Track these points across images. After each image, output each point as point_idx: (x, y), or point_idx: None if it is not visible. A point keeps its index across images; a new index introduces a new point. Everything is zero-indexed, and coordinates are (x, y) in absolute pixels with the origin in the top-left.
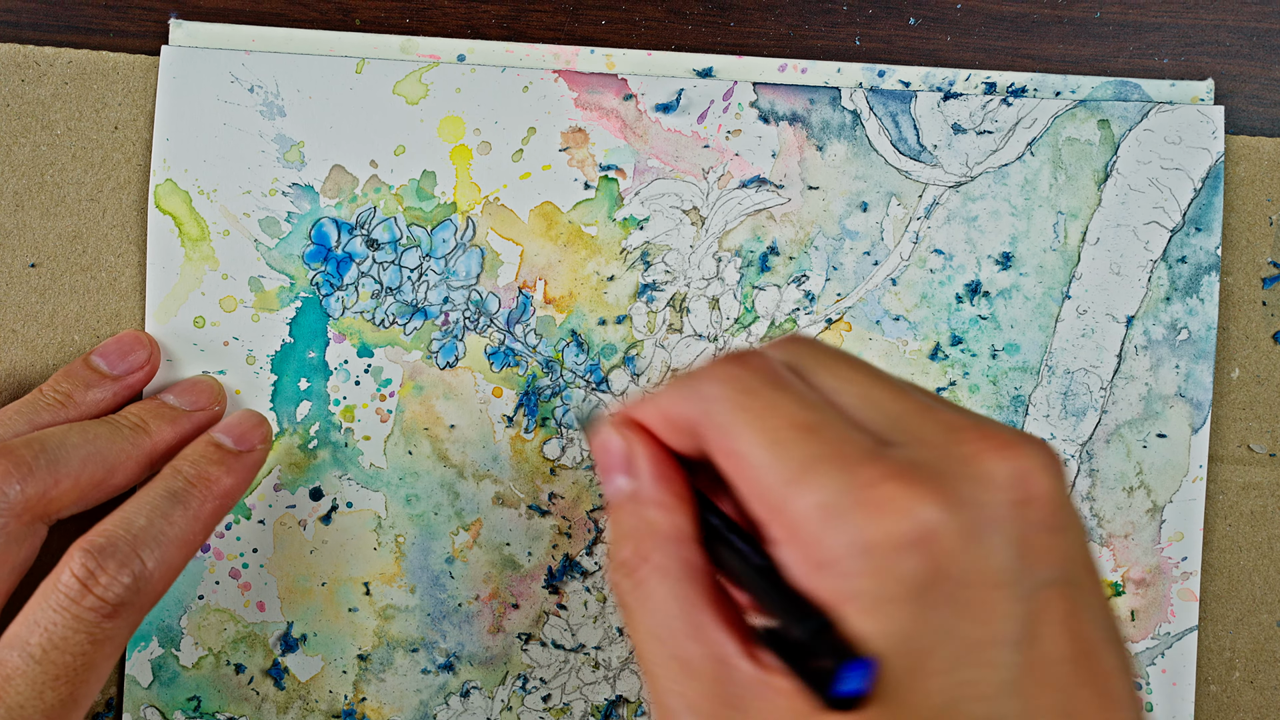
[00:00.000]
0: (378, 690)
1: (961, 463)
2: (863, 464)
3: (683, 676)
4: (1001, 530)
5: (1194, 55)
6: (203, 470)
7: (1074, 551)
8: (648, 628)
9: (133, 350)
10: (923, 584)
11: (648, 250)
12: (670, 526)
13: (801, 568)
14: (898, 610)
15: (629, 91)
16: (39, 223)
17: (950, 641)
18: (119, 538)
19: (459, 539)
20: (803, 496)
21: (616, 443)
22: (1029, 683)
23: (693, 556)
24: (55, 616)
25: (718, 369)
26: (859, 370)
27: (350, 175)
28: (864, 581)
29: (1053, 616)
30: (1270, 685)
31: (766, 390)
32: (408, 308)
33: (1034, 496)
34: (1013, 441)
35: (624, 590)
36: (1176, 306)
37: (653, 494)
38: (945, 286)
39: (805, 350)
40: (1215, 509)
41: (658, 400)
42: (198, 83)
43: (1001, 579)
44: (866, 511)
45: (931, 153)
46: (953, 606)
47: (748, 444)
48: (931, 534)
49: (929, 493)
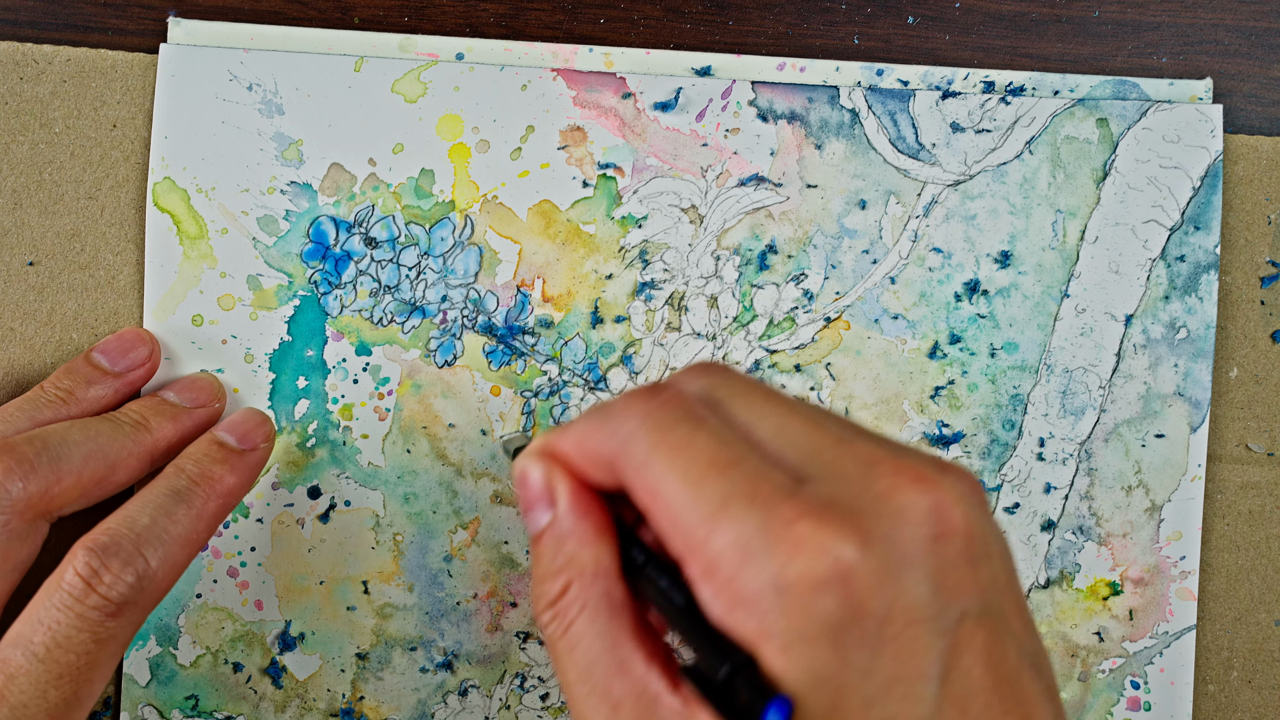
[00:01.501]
0: (376, 689)
1: (877, 499)
2: (779, 502)
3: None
4: (918, 566)
5: (1192, 54)
6: (206, 469)
7: (994, 581)
8: (572, 665)
9: (134, 347)
10: (840, 622)
11: (646, 249)
12: (591, 561)
13: (719, 605)
14: (815, 649)
15: (627, 90)
16: (37, 221)
17: (869, 679)
18: (123, 536)
19: (457, 537)
20: (719, 535)
21: (536, 475)
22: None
23: (615, 591)
24: (59, 615)
25: (632, 404)
26: (774, 402)
27: (348, 173)
28: (781, 620)
29: (972, 648)
30: (1268, 685)
31: (681, 426)
32: (406, 306)
33: (951, 530)
34: (928, 475)
35: (549, 627)
36: (1175, 305)
37: (573, 528)
38: (944, 285)
39: (720, 381)
40: (1214, 508)
41: (575, 431)
42: (196, 81)
43: (919, 615)
44: (783, 550)
45: (930, 151)
46: (871, 644)
47: (664, 481)
48: (848, 572)
49: (845, 531)
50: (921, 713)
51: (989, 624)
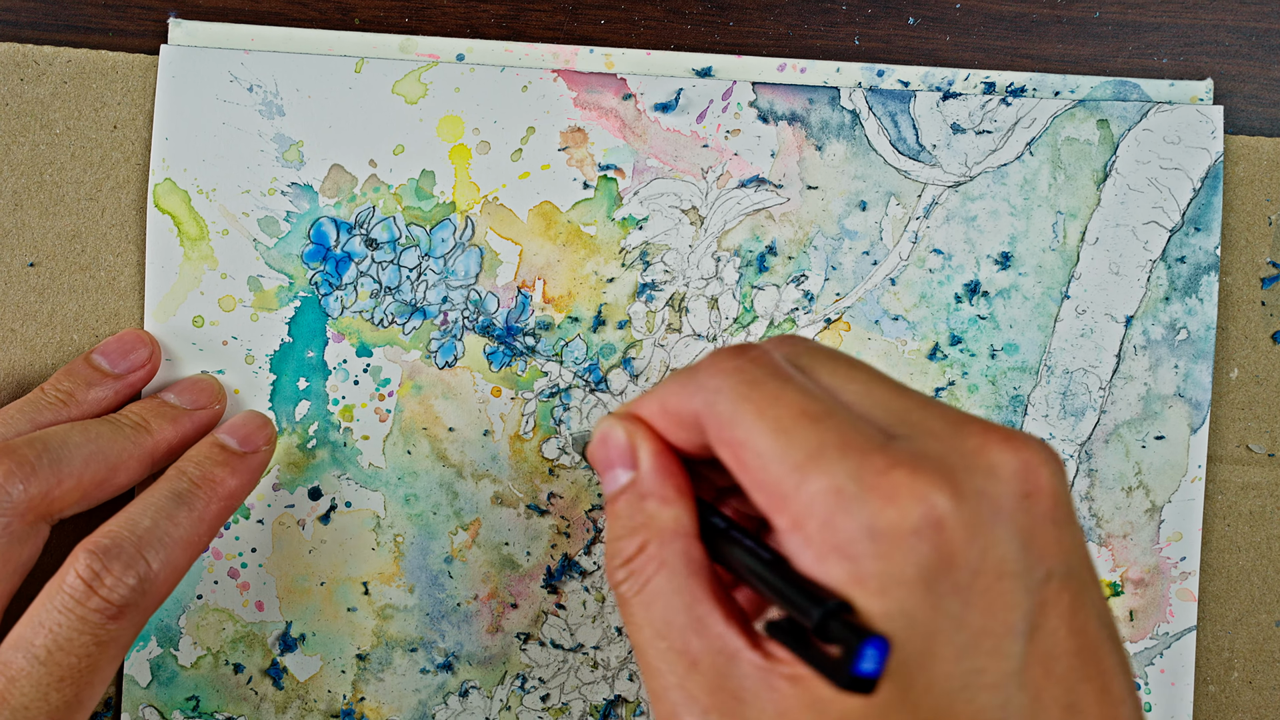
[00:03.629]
0: (376, 690)
1: (968, 455)
2: (872, 452)
3: (685, 671)
4: (1008, 522)
5: (1193, 55)
6: (207, 471)
7: (1076, 546)
8: (648, 622)
9: (134, 349)
10: (933, 570)
11: (647, 250)
12: (672, 520)
13: (809, 554)
14: (909, 594)
15: (628, 91)
16: (38, 222)
17: (959, 629)
18: (124, 539)
19: (458, 539)
20: (812, 482)
21: (618, 435)
22: (1035, 674)
23: (694, 551)
24: (60, 618)
25: (720, 361)
26: (858, 368)
27: (349, 175)
28: (876, 564)
29: (1057, 610)
30: (1269, 685)
31: (770, 381)
32: (406, 307)
33: (1039, 489)
34: (1016, 436)
35: (623, 585)
36: (1175, 306)
37: (654, 487)
38: (944, 286)
39: (804, 348)
40: (1214, 509)
41: (658, 394)
42: (197, 82)
43: (1008, 569)
44: (877, 497)
45: (930, 152)
46: (961, 594)
47: (753, 433)
48: (941, 522)
49: (939, 482)
50: (1009, 668)
51: (1073, 587)
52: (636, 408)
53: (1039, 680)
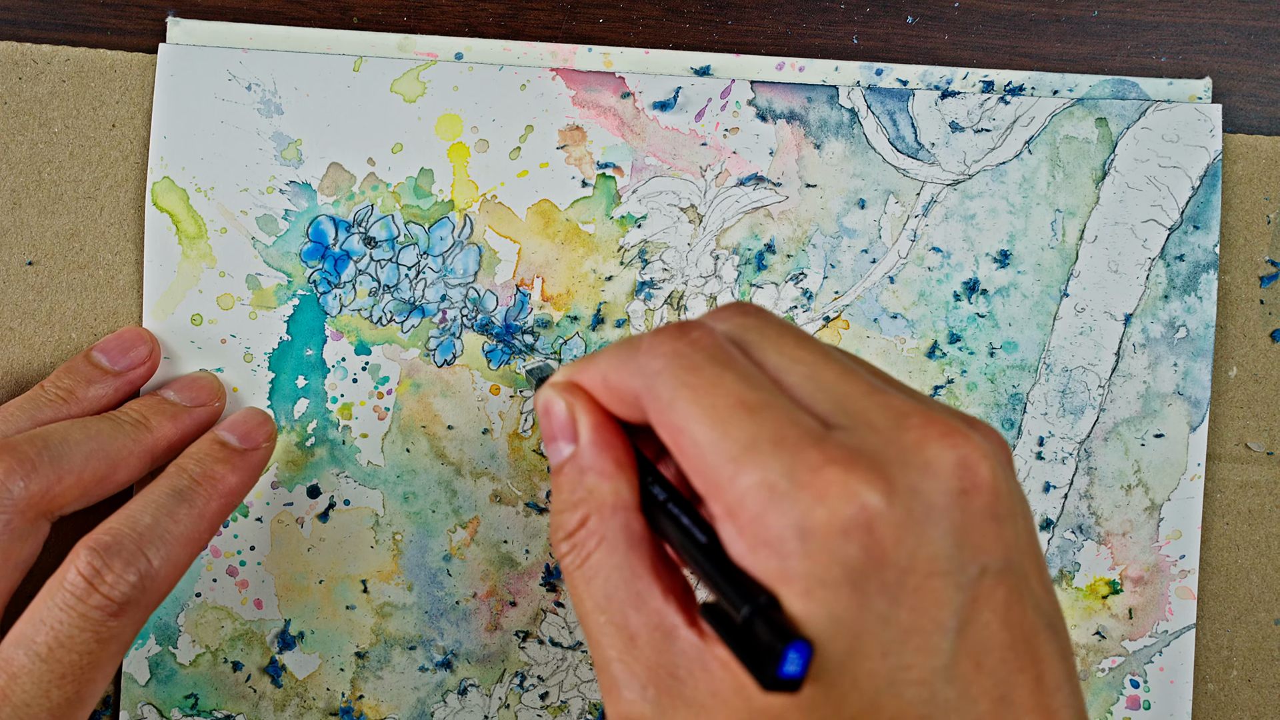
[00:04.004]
0: (375, 688)
1: (905, 450)
2: (806, 447)
3: (625, 646)
4: (942, 519)
5: (1192, 54)
6: (208, 468)
7: (1016, 539)
8: (589, 595)
9: (134, 346)
10: (862, 570)
11: (645, 248)
12: (612, 494)
13: (741, 545)
14: (836, 594)
15: (627, 89)
16: (36, 220)
17: (887, 627)
18: (125, 536)
19: (456, 536)
20: (745, 476)
21: (559, 407)
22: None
23: (634, 524)
24: (61, 615)
25: (660, 342)
26: (806, 348)
27: (348, 173)
28: (803, 564)
29: (991, 604)
30: (1268, 684)
31: (709, 367)
32: (405, 305)
33: (977, 485)
34: (957, 429)
35: (566, 558)
36: (1175, 304)
37: (594, 461)
38: (943, 284)
39: (752, 323)
40: (1213, 507)
41: (600, 365)
42: (195, 81)
43: (940, 567)
44: (808, 495)
45: (929, 151)
46: (891, 593)
47: (690, 421)
48: (872, 521)
49: (871, 479)
50: (937, 664)
51: (1009, 581)
52: (578, 374)
53: (969, 674)
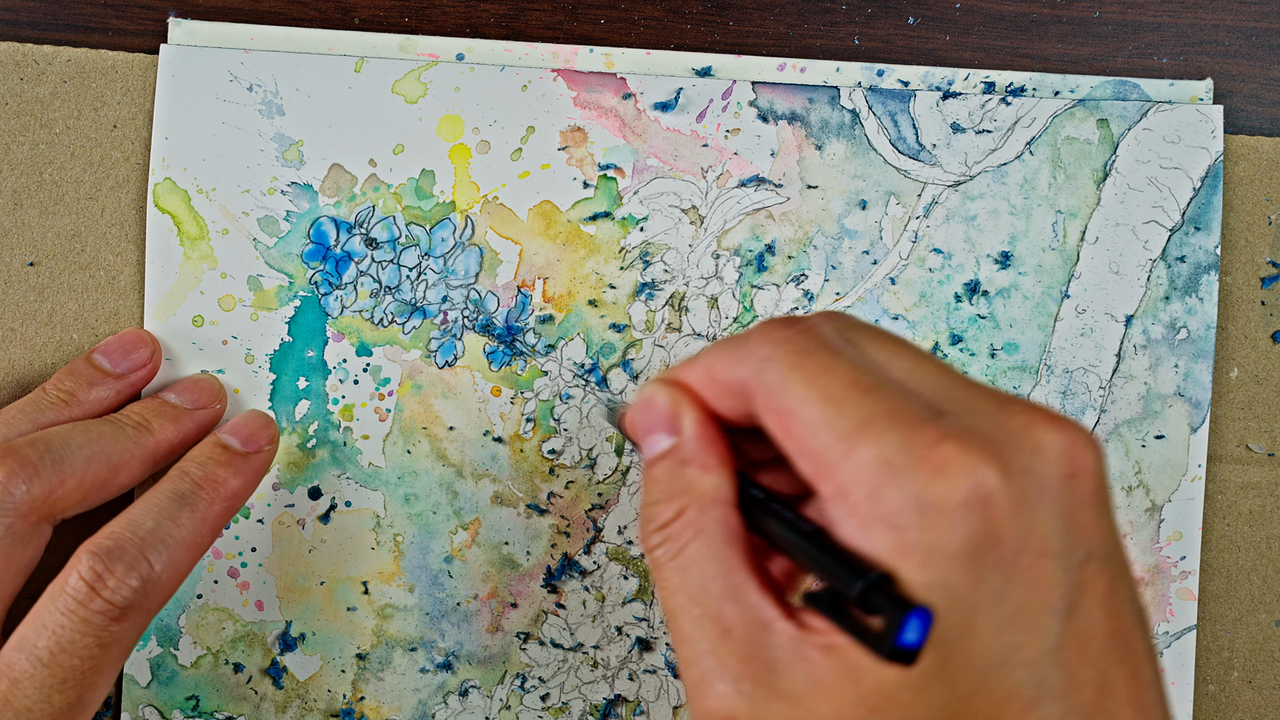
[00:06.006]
0: (376, 689)
1: (1015, 433)
2: (922, 425)
3: (718, 638)
4: (1052, 501)
5: (1193, 55)
6: (210, 472)
7: (1114, 531)
8: (683, 588)
9: (135, 348)
10: (978, 545)
11: (647, 249)
12: (711, 487)
13: (852, 523)
14: (953, 567)
15: (628, 90)
16: (38, 221)
17: (1000, 604)
18: (126, 540)
19: (458, 538)
20: (860, 452)
21: (662, 400)
22: (1071, 653)
23: (732, 520)
24: (63, 620)
25: (770, 331)
26: (905, 346)
27: (349, 174)
28: (922, 536)
29: (1094, 591)
30: (1269, 685)
31: (820, 352)
32: (406, 307)
33: (1083, 471)
34: (1060, 418)
35: (658, 550)
36: (1175, 306)
37: (695, 453)
38: (944, 286)
39: (850, 323)
40: (1214, 508)
41: (705, 361)
42: (196, 81)
43: (1051, 548)
44: (926, 469)
45: (930, 152)
46: (1004, 570)
47: (802, 402)
48: (988, 497)
49: (987, 457)
50: (1046, 645)
51: (1110, 570)
52: (681, 374)
53: (1074, 659)
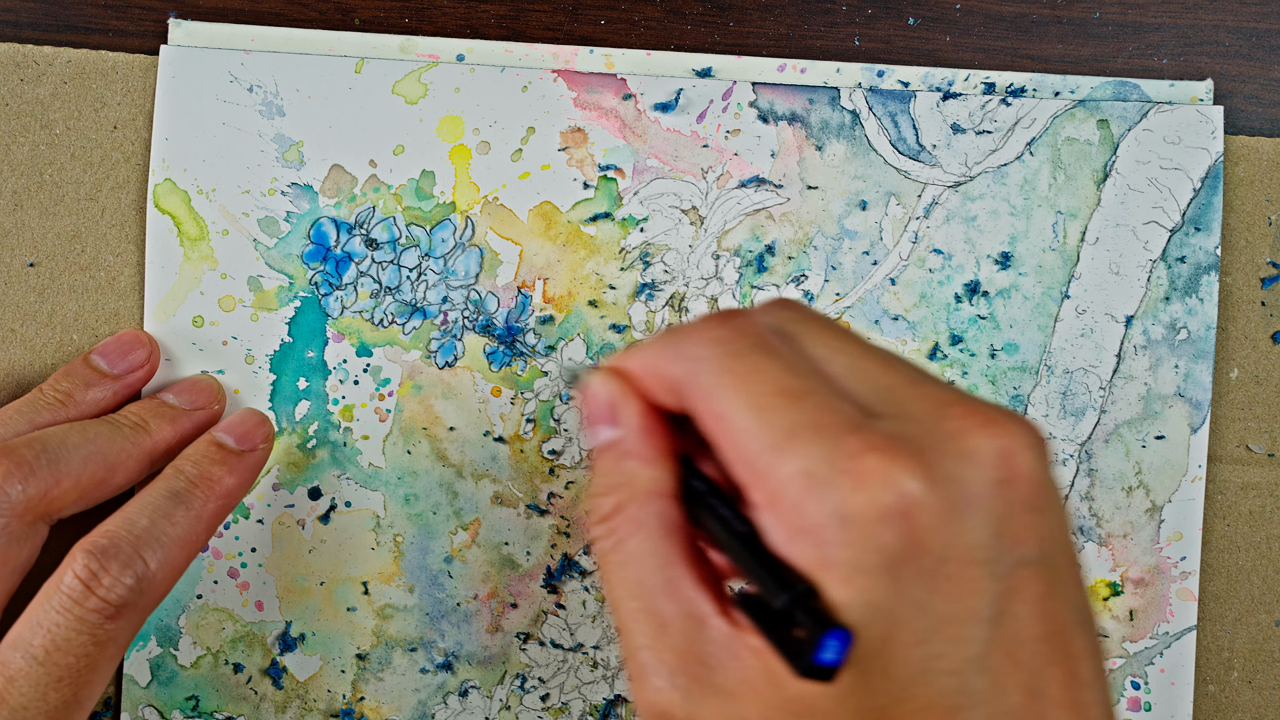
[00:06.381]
0: (376, 689)
1: (946, 438)
2: (847, 434)
3: (655, 633)
4: (982, 508)
5: (1193, 55)
6: (205, 470)
7: (1053, 532)
8: (622, 581)
9: (133, 349)
10: (900, 556)
11: (647, 250)
12: (651, 481)
13: (781, 534)
14: (874, 581)
15: (628, 91)
16: (38, 222)
17: (923, 615)
18: (121, 538)
19: (458, 538)
20: (785, 463)
21: (604, 392)
22: (998, 659)
23: (671, 513)
24: (58, 618)
25: (704, 330)
26: (847, 339)
27: (349, 175)
28: (843, 551)
29: (1027, 596)
30: (1269, 685)
31: (752, 355)
32: (407, 307)
33: (1016, 475)
34: (998, 419)
35: (600, 542)
36: (1176, 306)
37: (636, 446)
38: (944, 286)
39: (794, 315)
40: (1214, 509)
41: (646, 353)
42: (197, 82)
43: (977, 556)
44: (848, 481)
45: (930, 152)
46: (928, 580)
47: (732, 408)
48: (912, 508)
49: (912, 466)
50: (970, 653)
51: (1045, 574)
52: (625, 361)
53: (1001, 665)
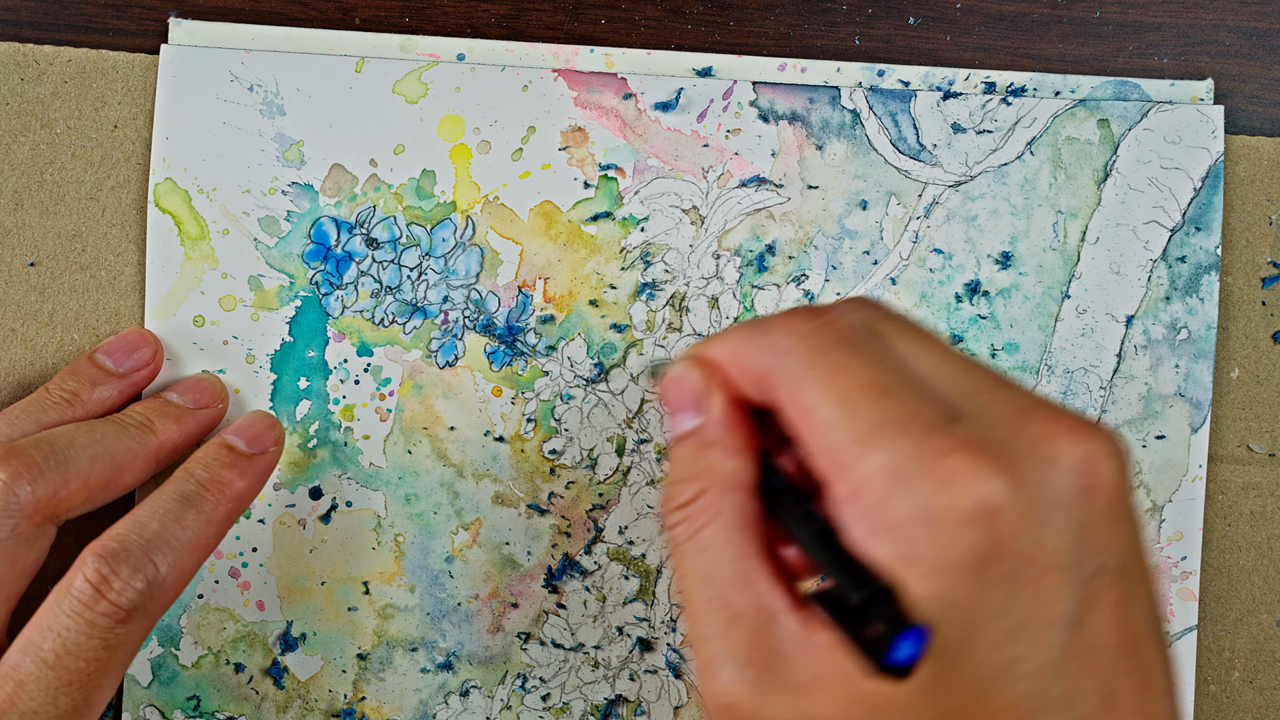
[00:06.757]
0: (377, 689)
1: (1031, 443)
2: (933, 433)
3: (728, 623)
4: (1064, 514)
5: (1193, 55)
6: (215, 473)
7: (1131, 542)
8: (696, 570)
9: (138, 348)
10: (982, 558)
11: (647, 249)
12: (732, 472)
13: (861, 528)
14: (956, 580)
15: (628, 90)
16: (38, 221)
17: (1003, 617)
18: (132, 542)
19: (458, 538)
20: (871, 458)
21: (692, 379)
22: (1074, 665)
23: (749, 506)
24: (68, 622)
25: (793, 322)
26: (931, 340)
27: (350, 174)
28: (925, 548)
29: (1104, 604)
30: (1269, 685)
31: (840, 349)
32: (407, 307)
33: (1098, 484)
34: (1082, 427)
35: (676, 529)
36: (1176, 306)
37: (720, 436)
38: (945, 286)
39: (878, 313)
40: (1214, 509)
41: (731, 342)
42: (197, 81)
43: (1058, 561)
44: (934, 480)
45: (931, 152)
46: (1009, 583)
47: (819, 401)
48: (996, 510)
49: (997, 469)
50: (1048, 658)
51: (1123, 583)
52: (711, 350)
53: (1078, 672)
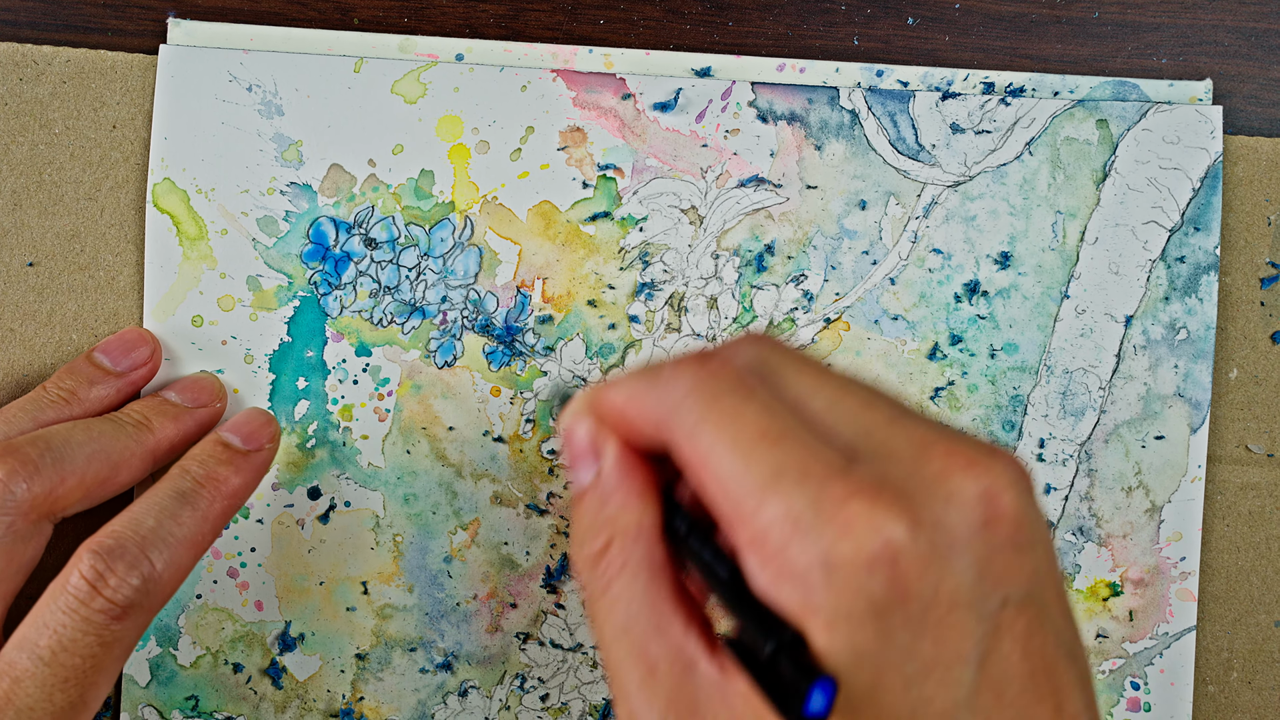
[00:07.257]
0: (376, 689)
1: (930, 481)
2: (831, 478)
3: (644, 674)
4: (966, 551)
5: (1192, 55)
6: (211, 470)
7: (1038, 568)
8: (610, 622)
9: (136, 347)
10: (885, 603)
11: (646, 249)
12: (634, 522)
13: (765, 576)
14: (859, 627)
15: (627, 91)
16: (37, 221)
17: (910, 660)
18: (128, 539)
19: (457, 538)
20: (769, 507)
21: (582, 432)
22: (986, 699)
23: (656, 553)
24: (64, 619)
25: (681, 371)
26: (826, 377)
27: (348, 174)
28: (828, 597)
29: (1012, 635)
30: (1268, 685)
31: (731, 396)
32: (406, 307)
33: (1000, 515)
34: (980, 459)
35: (588, 585)
36: (1175, 306)
37: (616, 487)
38: (944, 286)
39: (770, 353)
40: (1214, 509)
41: (624, 391)
42: (196, 82)
43: (961, 599)
44: (834, 528)
45: (930, 152)
46: (914, 626)
47: (713, 450)
48: (897, 554)
49: (896, 512)
50: (958, 696)
51: (1030, 611)
52: (604, 398)
53: (989, 705)
